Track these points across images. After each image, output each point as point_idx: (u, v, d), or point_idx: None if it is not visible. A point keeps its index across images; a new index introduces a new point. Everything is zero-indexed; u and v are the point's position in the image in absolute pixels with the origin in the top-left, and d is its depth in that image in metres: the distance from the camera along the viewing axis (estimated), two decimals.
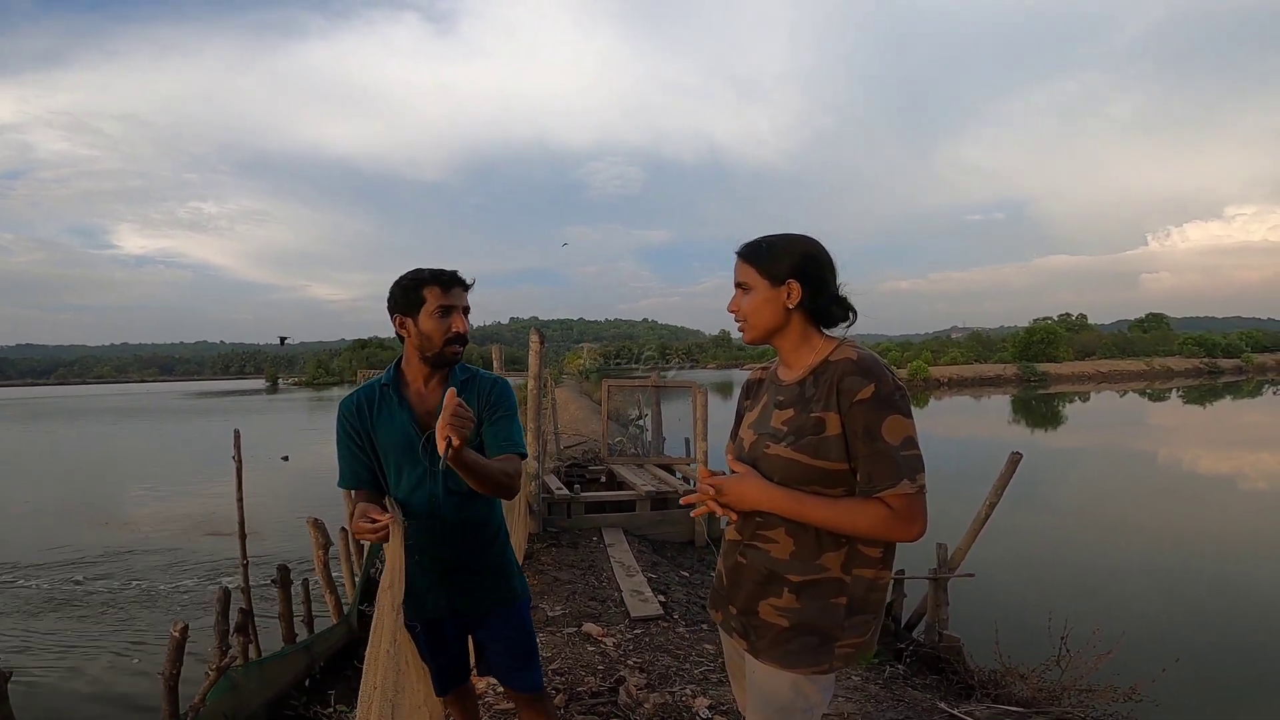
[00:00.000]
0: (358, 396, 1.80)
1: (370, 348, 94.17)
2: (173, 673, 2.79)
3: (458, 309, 1.70)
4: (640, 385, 12.82)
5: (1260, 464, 15.45)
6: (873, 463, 1.21)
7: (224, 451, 4.75)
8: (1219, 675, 4.91)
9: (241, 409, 45.35)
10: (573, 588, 5.19)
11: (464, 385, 1.78)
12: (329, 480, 1.89)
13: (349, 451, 1.78)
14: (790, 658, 1.30)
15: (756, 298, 1.36)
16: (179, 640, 2.81)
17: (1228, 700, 4.63)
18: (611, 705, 2.76)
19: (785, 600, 1.30)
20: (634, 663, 3.43)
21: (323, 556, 4.86)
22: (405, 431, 1.73)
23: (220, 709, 2.92)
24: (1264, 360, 57.75)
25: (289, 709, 3.55)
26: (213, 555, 8.84)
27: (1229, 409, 30.69)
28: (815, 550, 1.29)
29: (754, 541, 1.35)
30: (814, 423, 1.27)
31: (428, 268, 1.72)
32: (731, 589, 1.42)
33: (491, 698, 2.74)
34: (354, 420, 1.77)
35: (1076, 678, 3.47)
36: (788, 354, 1.39)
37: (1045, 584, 7.07)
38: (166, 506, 12.58)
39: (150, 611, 6.93)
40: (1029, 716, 3.05)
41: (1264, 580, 7.28)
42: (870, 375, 1.23)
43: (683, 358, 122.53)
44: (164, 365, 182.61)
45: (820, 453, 1.25)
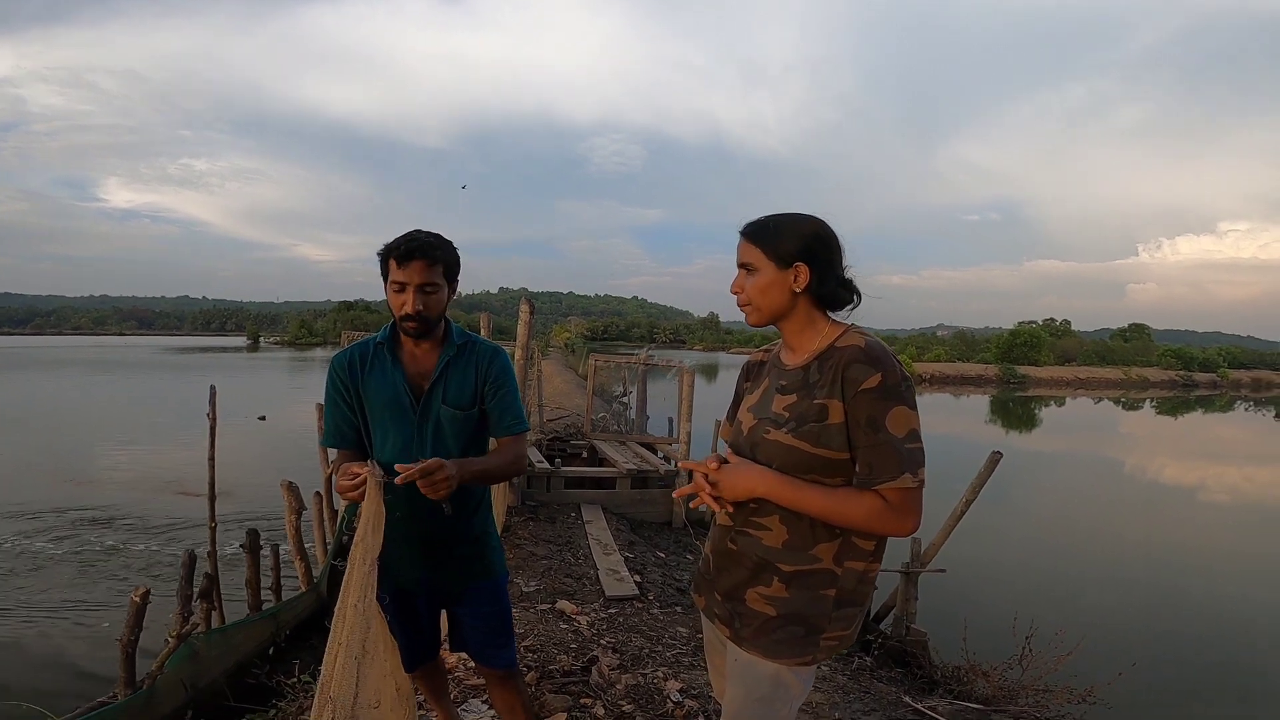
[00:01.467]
0: (351, 353, 1.75)
1: (357, 310, 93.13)
2: (131, 639, 2.72)
3: (410, 286, 1.60)
4: (627, 362, 12.76)
5: (1224, 477, 15.82)
6: (875, 454, 1.18)
7: (199, 408, 4.62)
8: (1172, 683, 5.04)
9: (220, 366, 44.66)
10: (549, 563, 5.17)
11: (460, 351, 1.74)
12: (306, 442, 1.84)
13: (336, 409, 1.73)
14: (775, 648, 1.28)
15: (762, 280, 1.31)
16: (139, 605, 2.73)
17: (1177, 706, 4.76)
18: (583, 685, 2.75)
19: (775, 589, 1.28)
20: (607, 642, 3.42)
21: (295, 521, 4.78)
22: (396, 390, 1.69)
23: (179, 677, 2.86)
24: (1239, 376, 58.96)
25: (250, 678, 3.50)
26: (183, 517, 8.72)
27: (1198, 422, 31.35)
28: (809, 540, 1.26)
29: (746, 528, 1.32)
30: (816, 409, 1.23)
31: (398, 238, 1.63)
32: (718, 574, 1.39)
33: (461, 672, 2.71)
34: (345, 376, 1.72)
35: (1036, 678, 3.53)
36: (792, 337, 1.35)
37: (1012, 584, 7.21)
38: (137, 465, 12.37)
39: (114, 575, 6.81)
40: (989, 715, 3.09)
41: (1221, 592, 7.46)
42: (877, 364, 1.20)
43: (670, 338, 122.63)
44: (143, 319, 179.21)
45: (821, 441, 1.22)
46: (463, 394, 1.72)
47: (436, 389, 1.70)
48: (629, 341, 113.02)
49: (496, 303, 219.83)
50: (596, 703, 2.61)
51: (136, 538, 7.92)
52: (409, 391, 1.69)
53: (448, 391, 1.71)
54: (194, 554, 3.40)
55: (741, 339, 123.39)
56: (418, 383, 1.70)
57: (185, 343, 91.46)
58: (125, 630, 2.76)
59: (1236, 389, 53.46)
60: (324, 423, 1.77)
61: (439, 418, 1.70)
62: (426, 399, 1.69)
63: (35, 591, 6.35)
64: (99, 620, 5.69)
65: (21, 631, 5.50)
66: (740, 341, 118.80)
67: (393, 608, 1.75)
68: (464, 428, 1.73)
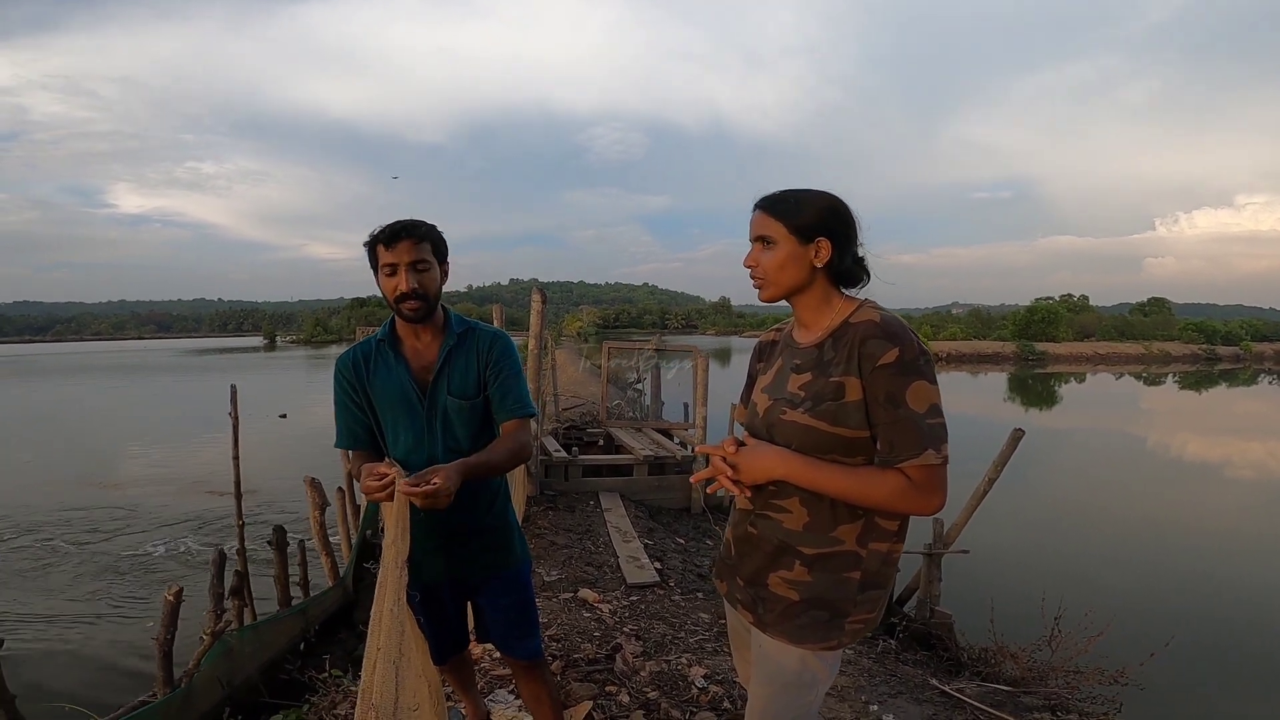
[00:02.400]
0: (354, 353, 1.75)
1: (370, 306, 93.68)
2: (167, 638, 2.77)
3: (402, 266, 1.60)
4: (640, 348, 12.75)
5: (1250, 453, 15.54)
6: (895, 430, 1.16)
7: (220, 409, 4.68)
8: (1204, 664, 4.97)
9: (239, 366, 45.25)
10: (569, 552, 5.20)
11: (461, 339, 1.73)
12: (327, 439, 1.84)
13: (346, 410, 1.73)
14: (800, 632, 1.27)
15: (780, 254, 1.28)
16: (173, 604, 2.79)
17: (1210, 688, 4.70)
18: (608, 672, 2.76)
19: (797, 573, 1.27)
20: (630, 630, 3.44)
21: (319, 518, 4.84)
22: (402, 388, 1.69)
23: (214, 674, 2.92)
24: (1262, 349, 57.74)
25: (283, 673, 3.56)
26: (210, 515, 8.88)
27: (1223, 396, 30.79)
28: (830, 522, 1.24)
29: (766, 511, 1.30)
30: (833, 388, 1.21)
31: (382, 226, 1.63)
32: (739, 559, 1.38)
33: (487, 663, 2.74)
34: (351, 377, 1.72)
35: (1066, 659, 3.49)
36: (806, 314, 1.33)
37: (1035, 565, 7.14)
38: (163, 465, 12.61)
39: (146, 574, 6.96)
40: (1018, 695, 3.07)
41: (1249, 571, 7.35)
42: (895, 339, 1.18)
43: (682, 323, 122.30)
44: (161, 322, 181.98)
45: (839, 419, 1.20)
46: (466, 383, 1.71)
47: (441, 381, 1.69)
48: (641, 329, 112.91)
49: (507, 294, 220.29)
50: (621, 690, 2.63)
51: (165, 537, 8.08)
52: (415, 386, 1.69)
53: (452, 382, 1.70)
54: (224, 552, 3.47)
55: (754, 322, 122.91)
56: (422, 376, 1.70)
57: (203, 344, 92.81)
58: (161, 629, 2.82)
59: (1260, 361, 52.35)
60: (336, 425, 1.77)
61: (446, 409, 1.69)
62: (432, 392, 1.69)
63: (70, 593, 6.51)
64: (134, 620, 5.82)
65: (60, 633, 5.63)
66: (753, 325, 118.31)
67: (421, 603, 1.76)
68: (471, 417, 1.72)
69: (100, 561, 7.32)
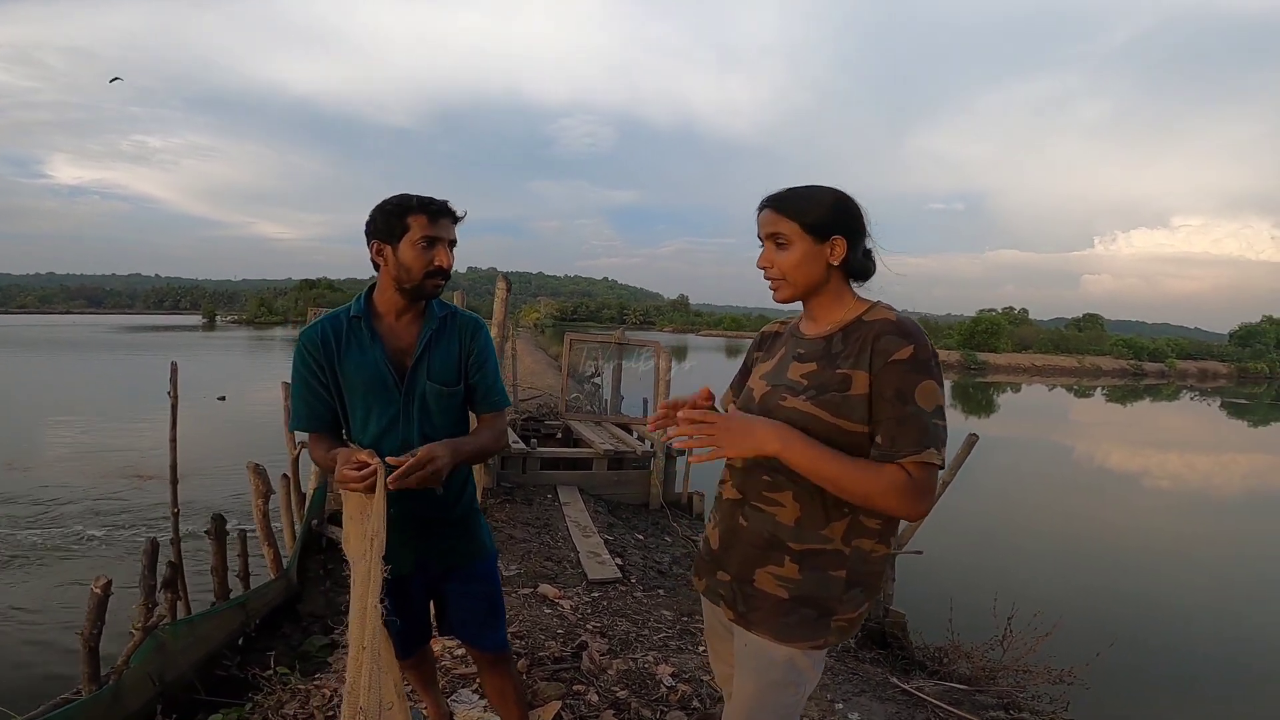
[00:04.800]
0: (322, 327, 1.61)
1: (319, 288, 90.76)
2: (93, 633, 2.56)
3: (443, 241, 1.56)
4: (603, 341, 12.66)
5: (1170, 464, 16.53)
6: (901, 425, 1.13)
7: (151, 389, 4.37)
8: (1145, 663, 5.23)
9: (174, 345, 43.05)
10: (527, 546, 5.08)
11: (443, 323, 1.65)
12: (268, 423, 1.72)
13: (309, 389, 1.61)
14: (787, 631, 1.24)
15: (796, 253, 1.25)
16: (100, 597, 2.58)
17: (1151, 686, 4.94)
18: (575, 670, 2.68)
19: (787, 569, 1.24)
20: (593, 627, 3.37)
21: (262, 506, 4.59)
22: (377, 368, 1.58)
23: (146, 671, 2.71)
24: (1186, 367, 61.56)
25: (221, 669, 3.35)
26: (138, 501, 8.37)
27: (1149, 410, 32.69)
28: (822, 518, 1.22)
29: (758, 503, 1.27)
30: (840, 379, 1.19)
31: (416, 194, 1.55)
32: (724, 552, 1.34)
33: (448, 662, 2.62)
34: (317, 353, 1.59)
35: (1016, 658, 3.59)
36: (818, 310, 1.31)
37: (981, 565, 7.38)
38: (88, 448, 11.82)
39: (70, 564, 6.48)
40: (974, 694, 3.13)
41: (1176, 572, 7.79)
42: (910, 337, 1.17)
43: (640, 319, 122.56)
44: (92, 297, 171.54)
45: (842, 411, 1.18)
46: (448, 369, 1.64)
47: (421, 365, 1.61)
48: (599, 323, 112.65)
49: (465, 282, 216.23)
50: (590, 689, 2.55)
51: (89, 525, 7.56)
52: (392, 369, 1.59)
53: (432, 367, 1.62)
54: (156, 541, 3.24)
55: (711, 321, 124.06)
56: (400, 359, 1.61)
57: (137, 321, 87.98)
58: (86, 624, 2.60)
59: (1183, 378, 55.86)
60: (292, 404, 1.65)
61: (425, 395, 1.62)
62: (411, 376, 1.60)
63: None
64: (56, 614, 5.39)
65: None
66: (710, 324, 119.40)
67: (388, 595, 1.67)
68: (450, 404, 1.66)
69: (14, 550, 6.79)
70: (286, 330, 67.41)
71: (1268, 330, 69.30)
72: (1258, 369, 62.18)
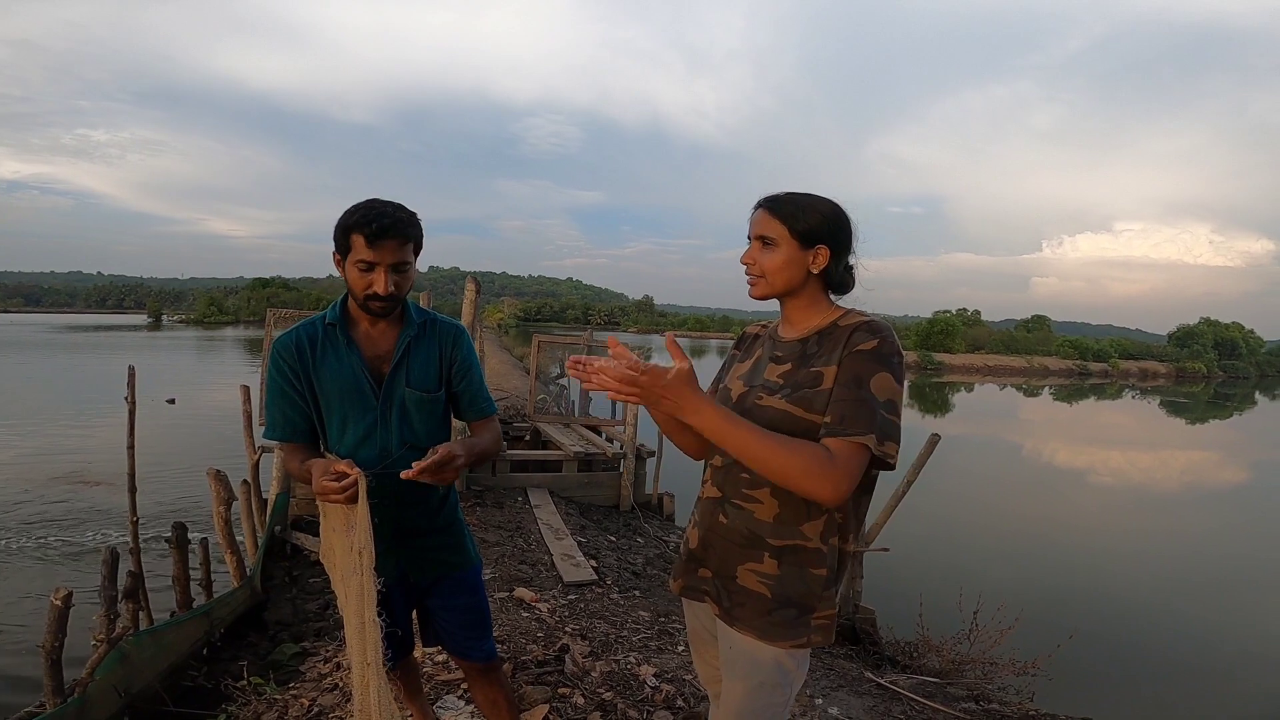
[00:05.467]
0: (297, 334, 1.58)
1: (273, 287, 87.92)
2: (55, 645, 2.45)
3: (381, 266, 1.45)
4: (572, 342, 12.60)
5: (1113, 461, 17.31)
6: (850, 407, 1.15)
7: (94, 391, 4.18)
8: (1099, 654, 5.48)
9: (117, 345, 41.18)
10: (501, 550, 5.04)
11: (421, 329, 1.62)
12: (221, 427, 1.67)
13: (285, 397, 1.57)
14: (771, 630, 1.26)
15: (780, 256, 1.29)
16: (61, 609, 2.47)
17: (1109, 675, 5.19)
18: (559, 674, 2.68)
19: (767, 566, 1.26)
20: (573, 629, 3.36)
21: (224, 513, 4.44)
22: (354, 376, 1.55)
23: (111, 683, 2.60)
24: (1128, 366, 64.65)
25: (187, 679, 3.24)
26: (86, 509, 7.99)
27: (1093, 408, 34.15)
28: (799, 515, 1.25)
29: (737, 500, 1.30)
30: (812, 376, 1.24)
31: (363, 211, 1.45)
32: (705, 550, 1.36)
33: (431, 668, 2.59)
34: (292, 361, 1.55)
35: (981, 651, 3.72)
36: (794, 313, 1.35)
37: (946, 562, 7.61)
38: (30, 453, 11.24)
39: (20, 574, 6.14)
40: (945, 686, 3.23)
41: (1125, 574, 8.17)
42: (877, 334, 1.22)
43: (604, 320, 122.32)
44: (29, 295, 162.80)
45: (814, 406, 1.21)
46: (427, 376, 1.62)
47: (399, 372, 1.58)
48: (563, 323, 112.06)
49: (427, 282, 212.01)
50: (575, 692, 2.55)
51: (35, 533, 7.19)
52: (369, 376, 1.56)
53: (411, 374, 1.60)
54: (115, 551, 3.12)
55: (675, 321, 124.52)
56: (377, 366, 1.58)
57: (78, 320, 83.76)
58: (47, 636, 2.49)
59: (1125, 378, 58.57)
60: (267, 413, 1.62)
61: (404, 402, 1.59)
62: (389, 383, 1.58)
63: None
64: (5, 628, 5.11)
65: None
66: (674, 325, 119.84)
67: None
68: (431, 411, 1.64)
69: None
70: (237, 330, 65.14)
71: (1205, 332, 73.05)
72: (1195, 369, 65.61)
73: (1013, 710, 2.92)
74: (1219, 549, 9.47)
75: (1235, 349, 73.05)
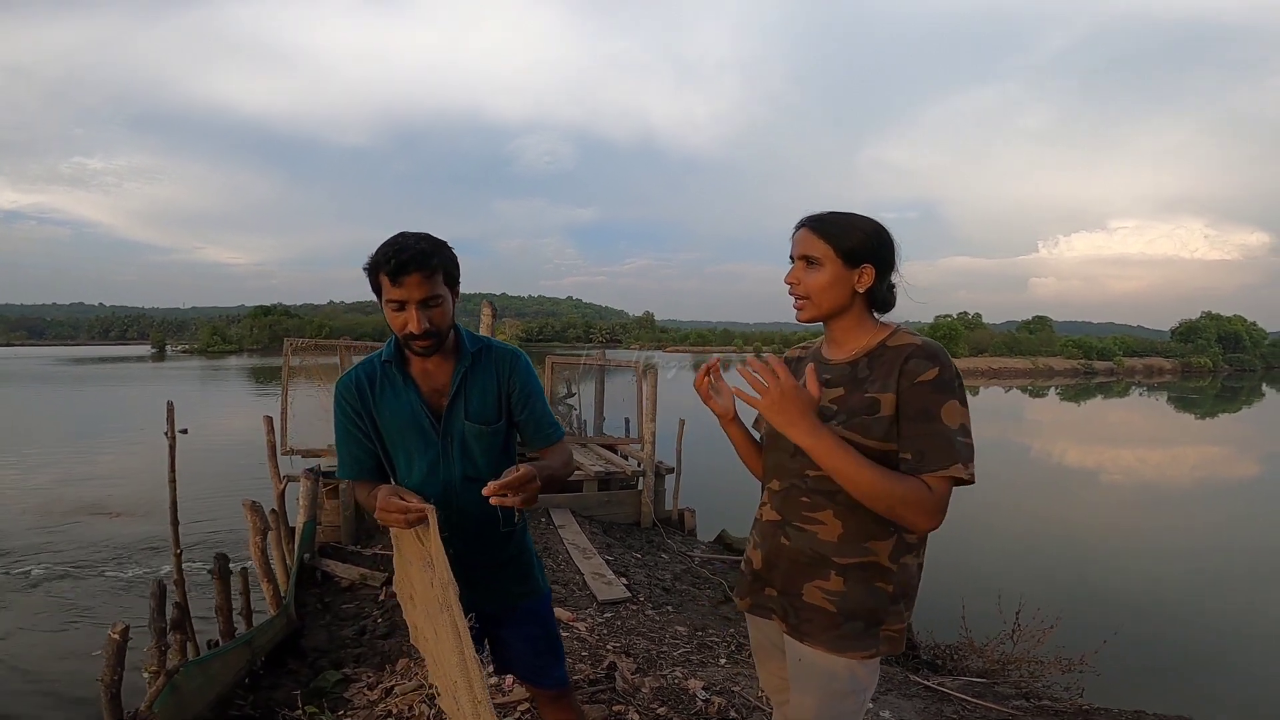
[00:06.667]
0: (356, 374, 1.60)
1: (274, 315, 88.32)
2: (114, 679, 2.46)
3: (411, 304, 1.42)
4: (585, 363, 12.65)
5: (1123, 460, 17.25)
6: (927, 442, 1.19)
7: (103, 422, 4.24)
8: (1145, 650, 5.47)
9: (124, 377, 41.35)
10: None
11: (475, 358, 1.60)
12: (234, 457, 1.69)
13: (350, 437, 1.59)
14: (841, 642, 1.29)
15: (825, 276, 1.31)
16: (119, 643, 2.48)
17: (1154, 671, 5.17)
18: (611, 691, 2.69)
19: (833, 583, 1.29)
20: (614, 647, 3.38)
21: (260, 543, 4.47)
22: (414, 412, 1.56)
23: (166, 716, 2.62)
24: (1133, 364, 64.60)
25: (234, 709, 3.26)
26: (109, 541, 8.02)
27: (1103, 407, 34.05)
28: (864, 534, 1.27)
29: (799, 523, 1.33)
30: (868, 403, 1.25)
31: (384, 248, 1.43)
32: (769, 571, 1.39)
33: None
34: (354, 402, 1.57)
35: (1025, 651, 3.73)
36: (840, 334, 1.36)
37: (968, 566, 7.59)
38: (45, 483, 11.27)
39: (48, 610, 6.15)
40: (993, 686, 3.24)
41: (1156, 570, 8.14)
42: (934, 359, 1.23)
43: (606, 337, 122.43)
44: (33, 328, 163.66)
45: (872, 432, 1.23)
46: (485, 407, 1.59)
47: (456, 405, 1.57)
48: (564, 342, 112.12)
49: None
50: (629, 709, 2.57)
51: (59, 567, 7.21)
52: (428, 411, 1.56)
53: (469, 406, 1.58)
54: (163, 583, 3.15)
55: (677, 337, 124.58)
56: (435, 400, 1.57)
57: (82, 353, 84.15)
58: (105, 670, 2.50)
59: (1131, 375, 58.44)
60: (337, 452, 1.63)
61: (464, 435, 1.58)
62: (448, 417, 1.57)
63: None
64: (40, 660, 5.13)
65: None
66: (676, 339, 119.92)
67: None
68: (492, 442, 1.61)
69: None
70: (241, 359, 65.33)
71: (1208, 326, 72.91)
72: (1201, 364, 65.41)
73: (1065, 706, 2.93)
74: (1241, 542, 9.44)
75: (1239, 342, 72.89)
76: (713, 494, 9.23)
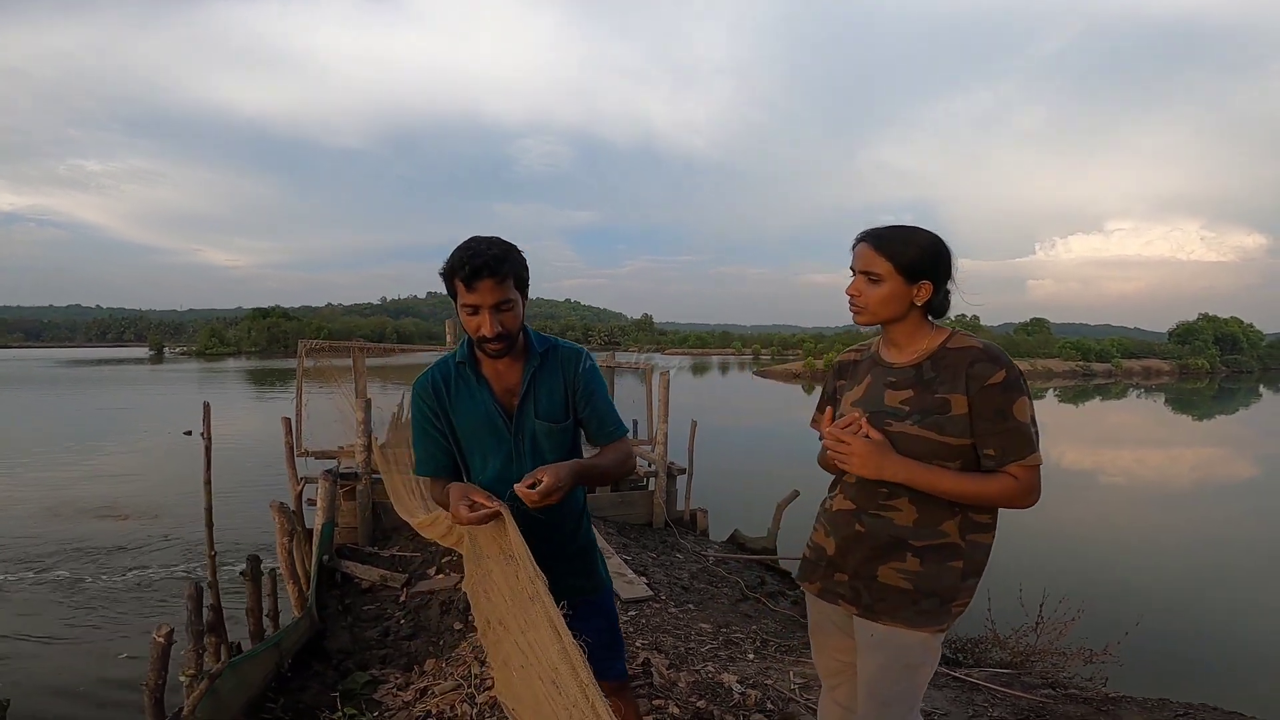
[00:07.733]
0: (432, 375, 1.65)
1: (272, 317, 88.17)
2: (158, 683, 2.50)
3: (484, 309, 1.47)
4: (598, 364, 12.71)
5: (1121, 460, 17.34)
6: (1007, 438, 1.32)
7: (106, 424, 4.26)
8: (1164, 642, 5.54)
9: (122, 379, 41.35)
10: None
11: (543, 358, 1.64)
12: (240, 457, 1.72)
13: (427, 436, 1.63)
14: (918, 618, 1.37)
15: (884, 290, 1.40)
16: (164, 646, 2.52)
17: (1173, 660, 5.24)
18: (649, 687, 2.73)
19: (910, 564, 1.38)
20: (643, 644, 3.41)
21: (287, 544, 4.51)
22: (487, 412, 1.60)
23: (202, 717, 2.66)
24: (1131, 365, 64.79)
25: (266, 712, 3.29)
26: (119, 542, 8.05)
27: (1102, 408, 34.18)
28: (938, 517, 1.37)
29: (875, 511, 1.42)
30: (939, 403, 1.35)
31: (458, 254, 1.47)
32: (842, 556, 1.47)
33: None
34: (431, 402, 1.62)
35: (1049, 642, 3.80)
36: (900, 338, 1.45)
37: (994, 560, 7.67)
38: (52, 486, 11.27)
39: (72, 610, 6.18)
40: (1019, 676, 3.30)
41: (1171, 566, 8.22)
42: (998, 362, 1.34)
43: (605, 340, 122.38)
44: (30, 330, 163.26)
45: (946, 430, 1.34)
46: (554, 405, 1.64)
47: (527, 404, 1.62)
48: None
49: (425, 308, 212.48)
50: (668, 703, 2.61)
51: (77, 567, 7.23)
52: (500, 410, 1.61)
53: (538, 405, 1.63)
54: (200, 586, 3.19)
55: (676, 339, 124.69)
56: (507, 400, 1.62)
57: (80, 355, 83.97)
58: (150, 674, 2.55)
59: (1129, 377, 58.62)
60: (414, 451, 1.69)
61: (534, 433, 1.62)
62: (519, 416, 1.62)
63: None
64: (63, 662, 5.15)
65: None
66: (675, 342, 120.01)
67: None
68: (560, 440, 1.65)
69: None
70: (240, 361, 65.23)
71: (1205, 328, 73.08)
72: (1198, 365, 65.62)
73: (1091, 694, 2.98)
74: (1250, 539, 9.52)
75: (1236, 343, 73.15)
76: (724, 495, 9.28)
